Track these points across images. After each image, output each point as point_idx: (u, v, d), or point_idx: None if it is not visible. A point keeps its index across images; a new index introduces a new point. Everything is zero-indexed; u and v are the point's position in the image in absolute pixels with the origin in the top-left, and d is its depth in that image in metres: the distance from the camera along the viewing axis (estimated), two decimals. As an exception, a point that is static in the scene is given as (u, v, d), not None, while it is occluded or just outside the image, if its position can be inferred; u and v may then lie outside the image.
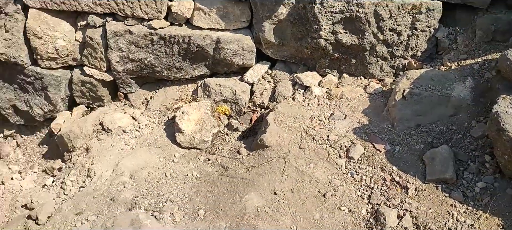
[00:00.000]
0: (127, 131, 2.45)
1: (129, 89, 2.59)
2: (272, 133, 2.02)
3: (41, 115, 2.70)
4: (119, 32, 2.25)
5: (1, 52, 2.38)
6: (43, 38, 2.30)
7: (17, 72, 2.51)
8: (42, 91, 2.57)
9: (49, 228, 2.01)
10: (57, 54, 2.39)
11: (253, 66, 2.43)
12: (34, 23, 2.26)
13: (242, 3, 2.23)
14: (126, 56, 2.35)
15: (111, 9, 2.21)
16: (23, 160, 2.83)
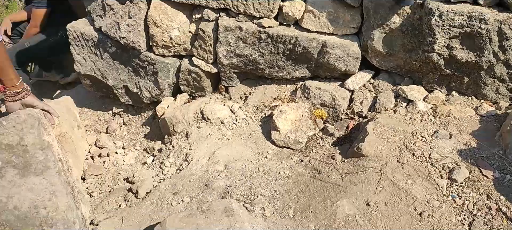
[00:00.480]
0: (224, 122, 2.63)
1: (230, 83, 2.77)
2: (370, 143, 2.06)
3: (148, 98, 3.00)
4: (230, 27, 2.44)
5: (123, 36, 2.70)
6: (161, 27, 2.57)
7: (133, 56, 2.83)
8: (152, 76, 2.85)
9: (147, 203, 2.23)
10: (171, 43, 2.65)
11: (356, 74, 2.48)
12: (155, 12, 2.53)
13: (354, 9, 2.30)
14: (233, 51, 2.54)
15: (226, 5, 2.40)
16: (127, 138, 3.17)
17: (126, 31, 2.68)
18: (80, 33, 2.94)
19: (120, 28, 2.69)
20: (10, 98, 1.75)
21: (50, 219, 1.34)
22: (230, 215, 1.79)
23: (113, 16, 2.71)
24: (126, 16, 2.65)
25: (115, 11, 2.69)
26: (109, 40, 2.84)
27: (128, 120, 3.28)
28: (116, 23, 2.70)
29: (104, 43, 2.88)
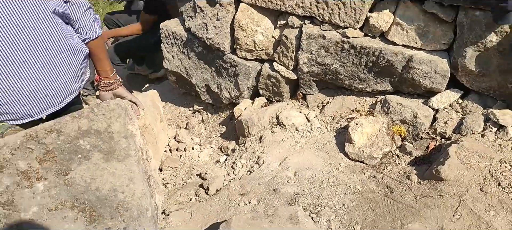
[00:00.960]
0: (299, 129, 2.64)
1: (308, 91, 2.78)
2: (451, 167, 1.94)
3: (227, 98, 3.10)
4: (313, 35, 2.45)
5: (209, 37, 2.82)
6: (246, 31, 2.64)
7: (217, 57, 2.94)
8: (233, 77, 2.95)
9: (216, 200, 2.30)
10: (254, 47, 2.72)
11: (442, 92, 2.35)
12: (242, 16, 2.62)
13: (446, 24, 2.19)
14: (314, 59, 2.54)
15: (311, 13, 2.41)
16: (204, 135, 3.30)
17: (213, 33, 2.80)
18: (171, 32, 3.13)
19: (207, 30, 2.82)
20: (103, 88, 1.92)
21: (126, 204, 1.44)
22: (295, 223, 1.78)
23: (202, 17, 2.85)
24: (215, 18, 2.77)
25: (205, 13, 2.82)
26: (196, 40, 2.99)
27: (207, 118, 3.41)
28: (204, 25, 2.83)
29: (192, 43, 3.03)
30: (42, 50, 1.60)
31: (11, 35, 1.52)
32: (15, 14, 1.52)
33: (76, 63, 1.75)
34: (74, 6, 1.73)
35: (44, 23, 1.58)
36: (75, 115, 1.42)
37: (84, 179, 1.41)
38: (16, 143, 1.34)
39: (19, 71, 1.57)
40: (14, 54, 1.54)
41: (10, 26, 1.51)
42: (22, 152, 1.35)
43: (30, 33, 1.55)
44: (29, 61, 1.58)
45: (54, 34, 1.62)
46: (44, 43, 1.60)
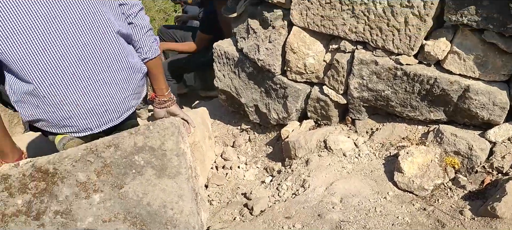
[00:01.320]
0: (346, 155, 2.61)
1: (358, 116, 2.74)
2: (507, 204, 1.85)
3: (276, 119, 3.12)
4: (365, 60, 2.43)
5: (261, 58, 2.87)
6: (297, 54, 2.67)
7: (267, 78, 2.98)
8: (282, 99, 2.97)
9: (260, 221, 2.31)
10: (304, 70, 2.73)
11: (500, 125, 2.25)
12: (294, 39, 2.65)
13: (507, 55, 2.10)
14: (365, 85, 2.52)
15: (364, 38, 2.40)
16: (250, 154, 3.33)
17: (265, 54, 2.85)
18: (224, 52, 3.21)
19: (259, 51, 2.87)
20: (158, 105, 2.01)
21: (175, 220, 1.49)
22: (339, 251, 1.75)
23: (255, 39, 2.90)
24: (267, 40, 2.82)
25: (257, 35, 2.88)
26: (248, 61, 3.05)
27: (254, 137, 3.44)
28: (256, 46, 2.89)
29: (243, 63, 3.10)
30: (105, 68, 1.70)
31: (79, 53, 1.63)
32: (84, 33, 1.62)
33: (135, 81, 1.84)
34: (137, 28, 1.83)
35: (109, 43, 1.68)
36: (132, 131, 1.49)
37: (136, 194, 1.47)
38: (77, 156, 1.43)
39: (84, 87, 1.68)
40: (81, 71, 1.65)
41: (79, 45, 1.62)
42: (82, 164, 1.43)
43: (96, 51, 1.66)
44: (93, 78, 1.68)
45: (117, 53, 1.72)
46: (108, 61, 1.70)
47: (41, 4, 1.55)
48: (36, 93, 1.62)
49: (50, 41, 1.57)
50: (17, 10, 1.52)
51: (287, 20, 2.75)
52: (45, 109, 1.66)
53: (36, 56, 1.56)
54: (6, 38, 1.51)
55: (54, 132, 1.76)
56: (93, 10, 1.64)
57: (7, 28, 1.51)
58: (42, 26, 1.55)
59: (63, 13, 1.58)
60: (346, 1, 2.41)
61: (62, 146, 1.79)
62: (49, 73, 1.60)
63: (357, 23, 2.42)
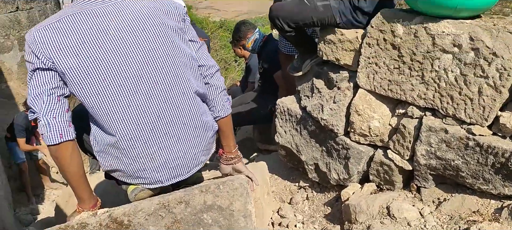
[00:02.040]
0: (411, 225, 2.49)
1: (423, 183, 2.64)
2: None
3: (336, 179, 3.07)
4: (434, 128, 2.37)
5: (324, 118, 2.88)
6: (362, 116, 2.65)
7: (330, 138, 2.97)
8: (343, 159, 2.93)
9: None
10: (369, 132, 2.70)
11: None
12: (359, 101, 2.65)
13: None
14: (433, 152, 2.44)
15: (434, 105, 2.35)
16: (308, 213, 3.27)
17: (328, 114, 2.86)
18: (287, 109, 3.26)
19: (323, 110, 2.88)
20: (225, 161, 2.07)
21: (238, 279, 1.49)
22: None
23: (319, 98, 2.93)
24: (331, 100, 2.84)
25: (322, 95, 2.91)
26: (310, 119, 3.07)
27: (312, 196, 3.39)
28: (320, 105, 2.91)
29: (306, 121, 3.12)
30: (181, 125, 1.79)
31: (159, 110, 1.73)
32: (165, 92, 1.73)
33: (206, 138, 1.91)
34: (212, 88, 1.92)
35: (187, 101, 1.78)
36: (202, 189, 1.53)
37: (203, 252, 1.49)
38: (150, 210, 1.48)
39: (160, 142, 1.76)
40: (159, 127, 1.74)
41: (160, 102, 1.73)
42: (154, 218, 1.48)
43: (174, 109, 1.75)
44: (169, 134, 1.77)
45: (193, 112, 1.81)
46: (184, 119, 1.79)
47: (131, 64, 1.68)
48: (117, 146, 1.73)
49: (135, 98, 1.69)
50: (110, 69, 1.66)
51: (353, 82, 2.76)
52: (123, 160, 1.76)
53: (122, 111, 1.68)
54: (98, 94, 1.64)
55: (127, 182, 1.85)
56: (176, 70, 1.75)
57: (101, 84, 1.65)
58: (131, 84, 1.67)
59: (149, 72, 1.70)
60: (416, 67, 2.39)
61: (134, 196, 1.87)
62: (131, 127, 1.70)
63: (427, 89, 2.38)
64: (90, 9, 1.68)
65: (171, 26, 1.76)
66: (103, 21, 1.67)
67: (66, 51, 1.62)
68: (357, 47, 2.68)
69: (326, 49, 2.86)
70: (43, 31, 1.63)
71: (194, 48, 1.88)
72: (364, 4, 2.59)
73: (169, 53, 1.73)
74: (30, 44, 1.64)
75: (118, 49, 1.66)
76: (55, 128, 1.64)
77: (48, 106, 1.64)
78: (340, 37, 2.74)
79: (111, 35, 1.66)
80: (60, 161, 1.69)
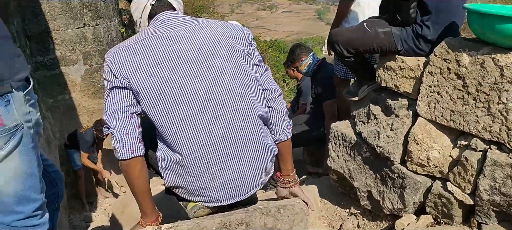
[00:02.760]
0: (471, 262, 2.37)
1: (485, 220, 2.52)
2: None
3: (389, 209, 2.99)
4: (499, 163, 2.26)
5: (380, 145, 2.83)
6: (421, 145, 2.58)
7: (385, 166, 2.91)
8: (399, 189, 2.85)
9: None
10: (427, 162, 2.62)
11: None
12: (418, 130, 2.58)
13: None
14: (497, 188, 2.33)
15: (500, 139, 2.26)
16: (358, 242, 3.19)
17: (385, 141, 2.80)
18: (341, 133, 3.23)
19: (379, 137, 2.83)
20: (282, 184, 2.08)
21: None
22: None
23: (375, 125, 2.88)
24: (388, 128, 2.79)
25: (378, 121, 2.86)
26: (365, 146, 3.02)
27: (363, 224, 3.31)
28: (376, 132, 2.86)
29: (360, 147, 3.07)
30: (243, 147, 1.83)
31: (224, 131, 1.78)
32: (231, 114, 1.78)
33: (266, 161, 1.93)
34: (274, 111, 1.95)
35: (250, 124, 1.82)
36: (263, 212, 1.55)
37: (261, 274, 1.49)
38: (212, 228, 1.51)
39: (222, 162, 1.81)
40: (222, 147, 1.79)
41: (225, 124, 1.78)
42: (216, 237, 1.50)
43: (238, 131, 1.79)
44: (231, 155, 1.81)
45: (256, 134, 1.85)
46: (246, 141, 1.83)
47: (200, 86, 1.74)
48: (182, 163, 1.79)
49: (202, 119, 1.75)
50: (180, 90, 1.73)
51: (412, 110, 2.70)
52: (186, 178, 1.81)
53: (189, 130, 1.74)
54: (167, 113, 1.72)
55: (188, 199, 1.91)
56: (241, 93, 1.80)
57: (171, 104, 1.72)
58: (198, 105, 1.74)
59: (217, 94, 1.76)
60: (482, 99, 2.30)
61: (193, 213, 1.91)
62: (196, 147, 1.76)
63: (493, 122, 2.29)
64: (165, 33, 1.78)
65: (239, 51, 1.82)
66: (176, 44, 1.76)
67: (141, 71, 1.71)
68: (418, 75, 2.63)
69: (385, 76, 2.82)
70: (122, 52, 1.74)
71: (259, 72, 1.93)
72: (427, 32, 2.54)
73: (236, 76, 1.78)
74: (109, 64, 1.75)
75: (189, 71, 1.74)
76: (127, 144, 1.73)
77: (122, 123, 1.74)
78: (401, 64, 2.69)
79: (182, 58, 1.74)
80: (129, 175, 1.77)
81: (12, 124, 1.60)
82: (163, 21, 1.84)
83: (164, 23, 1.82)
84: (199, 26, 1.83)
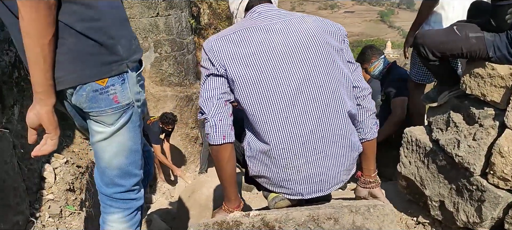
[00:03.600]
0: None
1: None
2: None
3: (463, 222, 2.86)
4: None
5: (460, 154, 2.71)
6: (506, 158, 2.45)
7: (462, 176, 2.78)
8: (476, 202, 2.72)
9: None
10: (511, 177, 2.47)
11: None
12: (505, 142, 2.45)
13: None
14: None
15: None
16: (427, 252, 3.08)
17: (465, 151, 2.68)
18: (415, 139, 3.12)
19: (459, 147, 2.71)
20: (362, 184, 2.06)
21: None
22: None
23: (455, 133, 2.76)
24: (470, 137, 2.66)
25: (459, 130, 2.74)
26: (442, 154, 2.90)
27: (438, 235, 3.20)
28: (456, 141, 2.74)
29: (435, 154, 2.96)
30: (330, 143, 1.82)
31: (313, 125, 1.78)
32: (321, 109, 1.78)
33: (351, 158, 1.92)
34: (363, 110, 1.93)
35: (339, 120, 1.81)
36: (352, 209, 1.54)
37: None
38: (300, 220, 1.52)
39: (308, 156, 1.81)
40: (310, 141, 1.80)
41: (314, 118, 1.78)
42: (303, 229, 1.51)
43: (327, 126, 1.79)
44: (318, 150, 1.81)
45: (344, 131, 1.84)
46: (334, 137, 1.82)
47: (293, 78, 1.76)
48: (269, 154, 1.81)
49: (293, 111, 1.76)
50: (274, 81, 1.76)
51: (499, 121, 2.55)
52: (271, 169, 1.84)
53: (279, 122, 1.76)
54: (259, 103, 1.75)
55: (270, 189, 1.93)
56: (333, 89, 1.80)
57: (264, 95, 1.75)
58: (290, 97, 1.75)
59: (309, 88, 1.77)
60: None
61: (274, 204, 1.94)
62: (285, 138, 1.78)
63: None
64: (261, 25, 1.82)
65: (334, 46, 1.82)
66: (272, 36, 1.79)
67: (237, 60, 1.76)
68: (510, 84, 2.48)
69: (471, 83, 2.69)
70: (220, 41, 1.80)
71: (351, 69, 1.91)
72: (524, 40, 2.39)
73: (329, 71, 1.78)
74: (208, 52, 1.81)
75: (283, 63, 1.76)
76: (220, 130, 1.78)
77: (216, 109, 1.79)
78: (491, 71, 2.56)
79: (277, 50, 1.77)
80: (219, 161, 1.82)
81: (125, 102, 1.70)
82: (260, 13, 1.88)
83: (260, 15, 1.87)
84: (294, 19, 1.85)
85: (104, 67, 1.62)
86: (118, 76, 1.66)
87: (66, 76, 1.59)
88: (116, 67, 1.65)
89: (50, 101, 1.54)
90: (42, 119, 1.54)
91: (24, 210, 2.70)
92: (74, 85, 1.62)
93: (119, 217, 1.88)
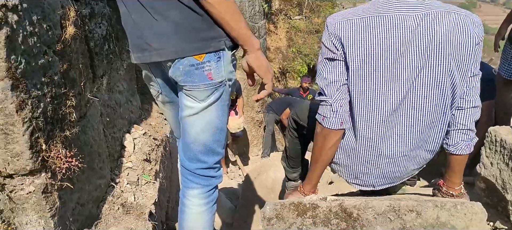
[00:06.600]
0: None
1: None
2: None
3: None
4: None
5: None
6: None
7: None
8: None
9: None
10: None
11: None
12: None
13: None
14: None
15: None
16: (503, 260, 2.87)
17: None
18: (500, 139, 2.90)
19: (552, 151, 2.48)
20: (444, 194, 1.94)
21: None
22: None
23: (549, 136, 2.53)
24: None
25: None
26: (530, 157, 2.68)
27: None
28: (550, 144, 2.51)
29: (523, 157, 2.73)
30: (415, 146, 1.79)
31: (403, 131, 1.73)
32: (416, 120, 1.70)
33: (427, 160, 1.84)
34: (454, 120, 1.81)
35: (432, 131, 1.73)
36: (437, 204, 1.46)
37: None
38: (380, 209, 1.47)
39: (390, 158, 1.80)
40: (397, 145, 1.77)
41: (407, 126, 1.72)
42: (383, 219, 1.46)
43: (417, 136, 1.75)
44: (401, 153, 1.81)
45: (433, 138, 1.76)
46: (421, 142, 1.78)
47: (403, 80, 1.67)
48: (355, 146, 1.78)
49: (391, 113, 1.70)
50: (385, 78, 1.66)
51: None
52: (352, 159, 1.80)
53: (375, 118, 1.72)
54: (364, 94, 1.69)
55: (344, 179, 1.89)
56: (436, 104, 1.69)
57: (370, 88, 1.68)
58: (393, 99, 1.69)
59: (412, 96, 1.68)
60: None
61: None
62: (377, 139, 1.73)
63: None
64: (391, 15, 1.67)
65: (458, 56, 1.64)
66: (396, 31, 1.65)
67: (358, 47, 1.67)
68: None
69: None
70: (345, 24, 1.69)
71: (467, 83, 1.74)
72: None
73: (440, 85, 1.66)
74: (330, 32, 1.73)
75: (399, 63, 1.65)
76: (340, 115, 1.75)
77: (340, 94, 1.74)
78: None
79: (396, 48, 1.64)
80: (325, 144, 1.79)
81: (218, 80, 1.72)
82: (392, 3, 1.71)
83: (392, 6, 1.70)
84: (428, 16, 1.66)
85: (203, 43, 1.65)
86: (214, 53, 1.68)
87: (167, 49, 1.64)
88: (214, 43, 1.67)
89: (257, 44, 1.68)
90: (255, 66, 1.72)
91: (106, 175, 2.87)
92: (173, 58, 1.66)
93: (199, 192, 1.92)
